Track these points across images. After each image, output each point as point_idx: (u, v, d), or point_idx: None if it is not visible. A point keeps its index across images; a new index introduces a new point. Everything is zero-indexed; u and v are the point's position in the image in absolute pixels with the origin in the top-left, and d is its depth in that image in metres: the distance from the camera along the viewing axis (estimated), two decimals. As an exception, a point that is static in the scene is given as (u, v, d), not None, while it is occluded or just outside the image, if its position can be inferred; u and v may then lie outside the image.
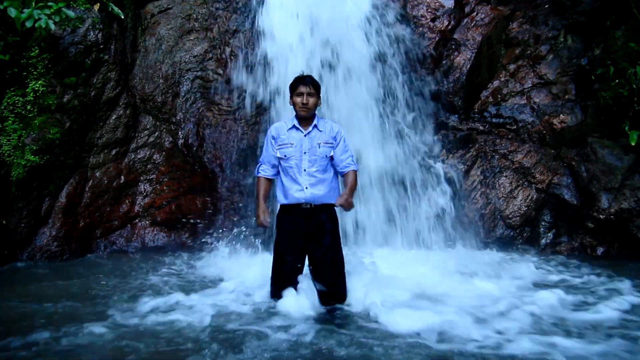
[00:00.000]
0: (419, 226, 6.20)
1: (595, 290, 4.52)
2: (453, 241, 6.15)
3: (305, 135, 3.91)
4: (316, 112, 4.00)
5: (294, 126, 3.95)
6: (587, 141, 6.16)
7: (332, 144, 3.92)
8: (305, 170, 3.86)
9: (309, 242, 3.88)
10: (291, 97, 3.96)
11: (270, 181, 4.10)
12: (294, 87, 3.93)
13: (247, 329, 3.53)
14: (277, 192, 4.05)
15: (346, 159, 3.95)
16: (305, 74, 4.05)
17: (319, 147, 3.89)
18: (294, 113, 3.98)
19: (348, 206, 3.78)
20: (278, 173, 4.03)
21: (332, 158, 3.95)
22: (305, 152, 3.87)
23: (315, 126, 3.94)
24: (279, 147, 3.93)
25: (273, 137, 3.99)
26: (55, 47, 5.87)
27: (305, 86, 3.87)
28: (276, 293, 3.93)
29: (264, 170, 4.06)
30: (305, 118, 3.92)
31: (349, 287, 4.02)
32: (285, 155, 3.90)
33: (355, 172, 3.97)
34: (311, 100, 3.86)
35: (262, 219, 3.96)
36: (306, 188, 3.85)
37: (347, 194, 3.81)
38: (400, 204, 6.24)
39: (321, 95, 4.03)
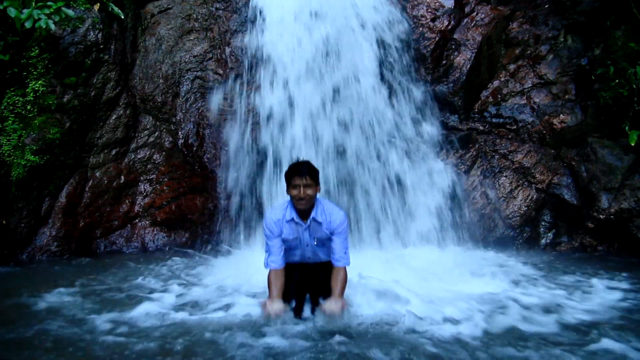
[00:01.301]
0: (419, 226, 6.19)
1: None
2: (453, 241, 6.14)
3: (305, 229, 3.72)
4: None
5: (292, 219, 3.70)
6: (587, 141, 6.16)
7: (329, 237, 3.72)
8: (309, 257, 3.85)
9: (306, 273, 3.90)
10: (287, 188, 3.67)
11: (283, 271, 3.76)
12: (289, 178, 3.63)
13: (242, 331, 3.53)
14: None
15: (340, 251, 3.71)
16: (301, 159, 3.80)
17: (318, 239, 3.77)
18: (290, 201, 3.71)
19: (339, 311, 3.59)
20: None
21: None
22: (307, 245, 3.78)
23: (314, 219, 3.69)
24: (284, 239, 3.77)
25: (273, 233, 3.75)
26: (55, 47, 5.87)
27: (302, 178, 3.56)
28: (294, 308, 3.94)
29: (274, 262, 3.74)
30: (304, 210, 3.68)
31: (349, 290, 4.02)
32: (289, 247, 3.80)
33: (345, 268, 3.75)
34: (309, 192, 3.57)
35: (270, 310, 3.61)
36: (308, 264, 3.89)
37: (338, 297, 3.61)
38: (400, 204, 6.23)
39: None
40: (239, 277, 4.76)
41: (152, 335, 3.49)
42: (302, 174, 3.56)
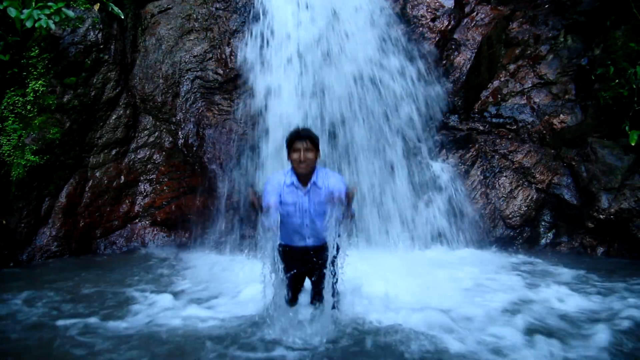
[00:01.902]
0: (419, 227, 6.19)
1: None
2: (453, 241, 6.14)
3: (305, 194, 3.68)
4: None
5: (292, 183, 3.68)
6: (587, 141, 6.16)
7: (329, 201, 3.56)
8: (307, 225, 3.71)
9: (307, 266, 3.81)
10: (288, 153, 3.69)
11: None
12: (290, 143, 3.67)
13: (234, 342, 3.49)
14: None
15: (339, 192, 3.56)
16: (301, 127, 3.84)
17: (316, 206, 3.67)
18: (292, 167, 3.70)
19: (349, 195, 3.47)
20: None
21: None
22: (306, 211, 3.68)
23: (314, 183, 3.68)
24: (282, 204, 3.69)
25: (273, 189, 3.68)
26: (55, 47, 5.87)
27: (302, 142, 3.61)
28: (290, 298, 3.87)
29: (269, 201, 3.58)
30: (304, 174, 3.67)
31: (352, 293, 4.02)
32: (287, 213, 3.70)
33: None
34: (309, 156, 3.60)
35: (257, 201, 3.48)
36: (308, 238, 3.76)
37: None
38: (400, 204, 6.23)
39: (319, 148, 3.73)
40: (237, 281, 4.69)
41: (131, 343, 3.38)
42: (302, 138, 3.63)
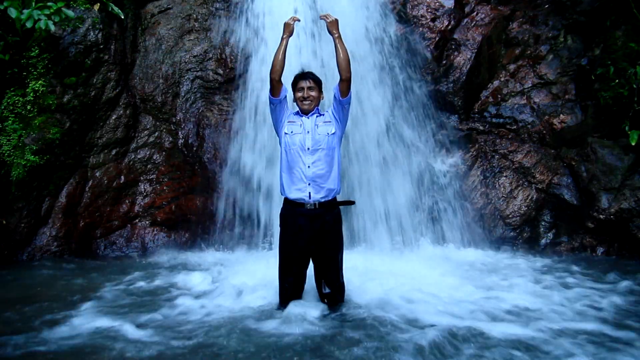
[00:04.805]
0: (419, 227, 6.19)
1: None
2: (453, 241, 6.14)
3: (308, 117, 3.97)
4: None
5: (297, 112, 4.02)
6: (587, 141, 6.17)
7: (329, 121, 3.96)
8: (308, 148, 3.88)
9: (313, 244, 3.85)
10: (293, 94, 4.00)
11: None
12: (294, 83, 4.00)
13: (246, 331, 3.50)
14: (280, 184, 4.01)
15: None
16: (305, 70, 4.12)
17: (318, 127, 3.91)
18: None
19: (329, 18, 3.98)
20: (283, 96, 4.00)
21: (336, 116, 3.98)
22: (308, 132, 3.92)
23: (317, 110, 4.01)
24: (288, 123, 3.99)
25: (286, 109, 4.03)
26: (55, 47, 5.87)
27: (305, 80, 3.95)
28: (284, 302, 3.90)
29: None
30: (308, 111, 3.97)
31: (353, 289, 4.01)
32: (292, 131, 3.93)
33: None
34: (312, 94, 3.92)
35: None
36: (308, 167, 3.85)
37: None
38: (399, 204, 6.23)
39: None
40: (235, 284, 4.60)
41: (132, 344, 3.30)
42: (306, 77, 3.98)
